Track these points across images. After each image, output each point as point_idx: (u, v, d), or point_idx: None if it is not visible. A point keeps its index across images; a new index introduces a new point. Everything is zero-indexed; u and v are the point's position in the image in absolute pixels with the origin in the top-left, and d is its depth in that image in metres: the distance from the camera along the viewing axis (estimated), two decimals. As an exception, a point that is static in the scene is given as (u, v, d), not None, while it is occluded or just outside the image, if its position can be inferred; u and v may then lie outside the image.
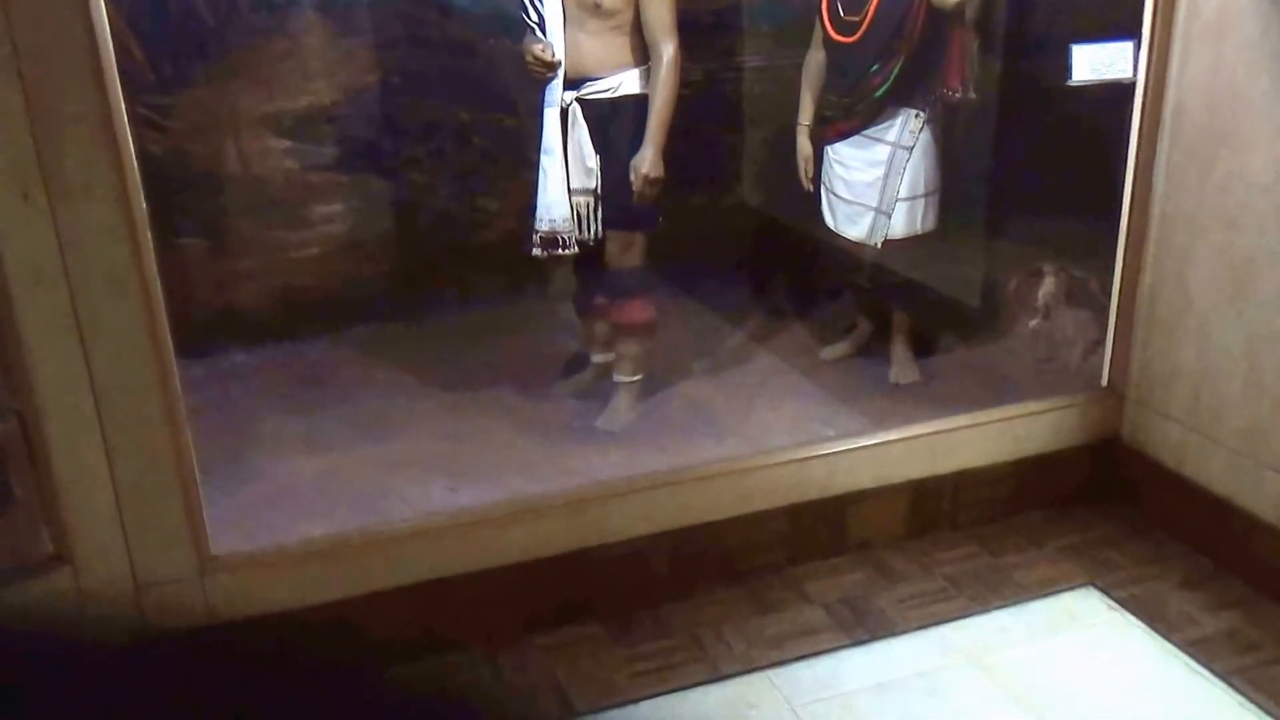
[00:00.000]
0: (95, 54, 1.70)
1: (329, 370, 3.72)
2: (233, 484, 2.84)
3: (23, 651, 1.86)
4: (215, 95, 3.66)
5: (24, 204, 1.67)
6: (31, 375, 1.75)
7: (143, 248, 1.83)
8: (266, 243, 3.86)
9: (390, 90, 3.87)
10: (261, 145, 3.77)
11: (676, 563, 2.47)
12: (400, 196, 4.00)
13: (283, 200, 3.87)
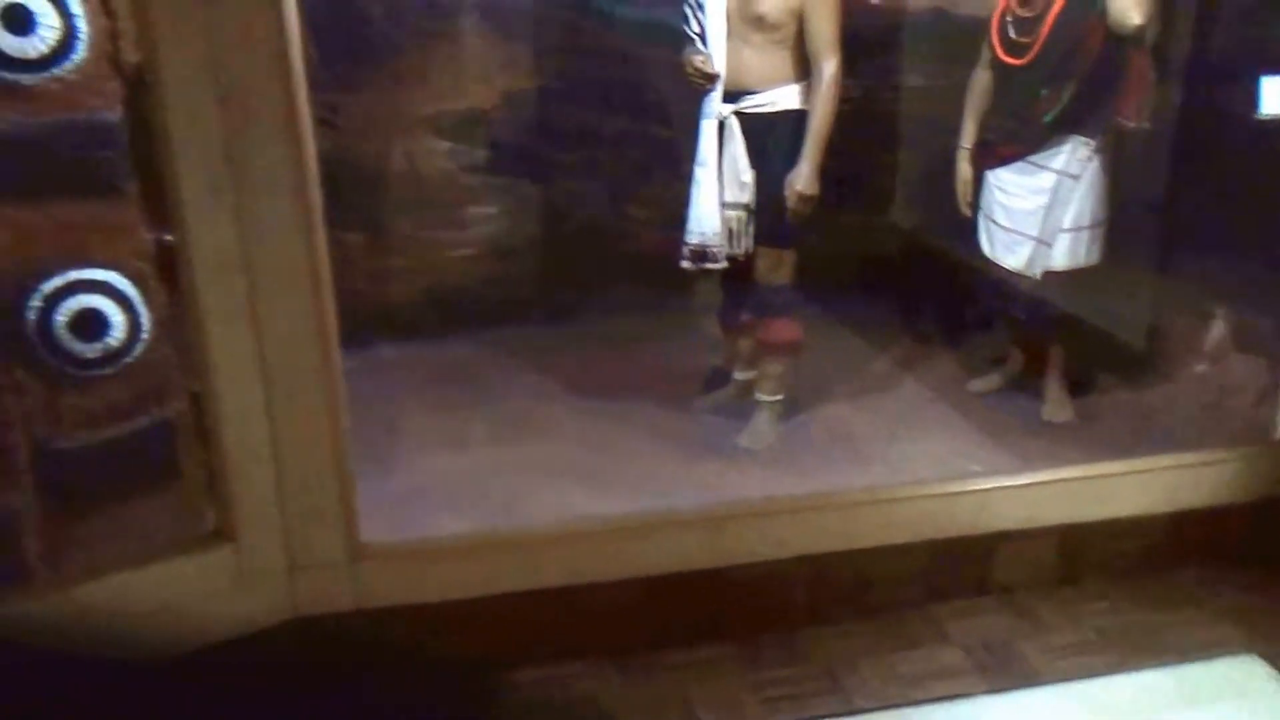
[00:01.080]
0: (284, 55, 1.76)
1: (474, 369, 3.80)
2: (377, 475, 2.92)
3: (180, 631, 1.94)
4: (381, 96, 3.78)
5: (212, 197, 1.74)
6: (209, 359, 1.83)
7: (317, 242, 1.88)
8: (421, 241, 3.97)
9: (548, 96, 3.93)
10: (422, 146, 3.88)
11: (813, 589, 2.42)
12: (552, 202, 4.06)
13: (439, 200, 3.98)
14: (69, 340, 2.00)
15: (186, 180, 1.70)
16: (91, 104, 1.94)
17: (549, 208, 4.12)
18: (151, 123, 2.00)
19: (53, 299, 1.97)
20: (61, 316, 1.98)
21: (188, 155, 1.69)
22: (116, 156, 1.98)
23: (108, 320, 2.04)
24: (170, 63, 1.64)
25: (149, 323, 2.10)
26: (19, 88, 1.85)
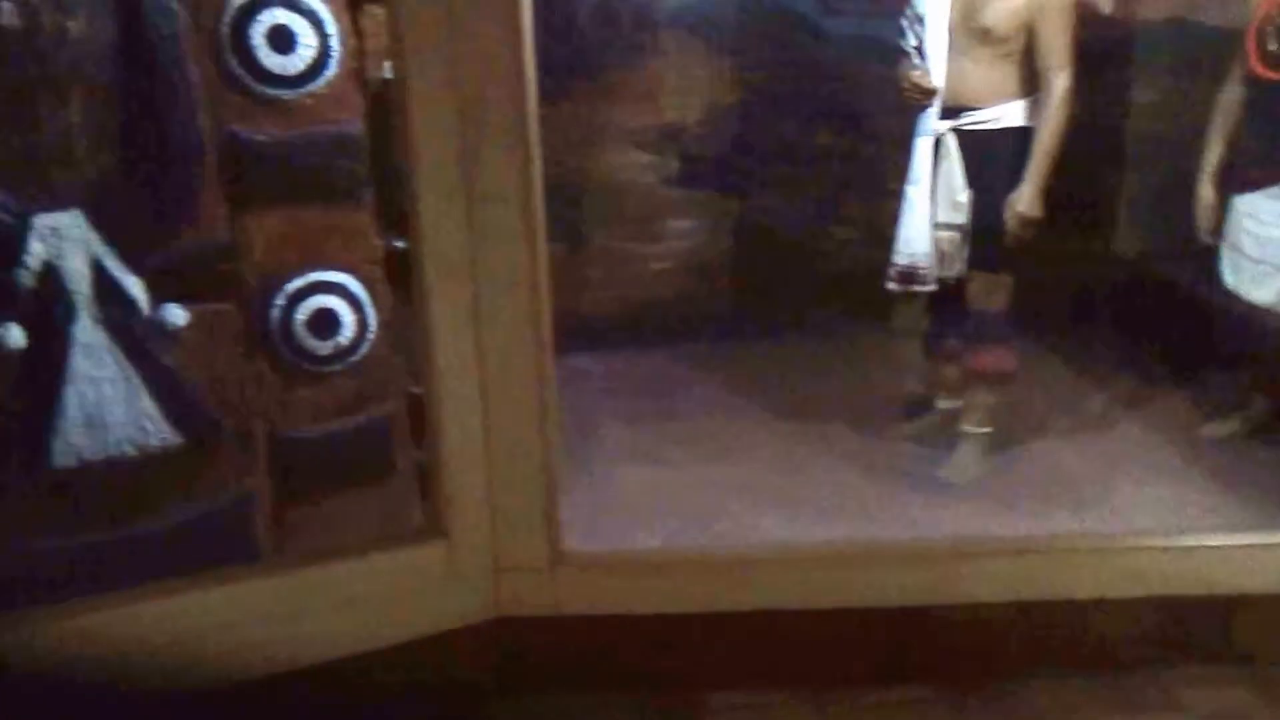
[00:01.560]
0: (520, 73, 1.81)
1: (667, 383, 3.81)
2: (570, 484, 2.96)
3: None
4: (586, 109, 3.85)
5: (446, 205, 1.80)
6: (435, 362, 1.89)
7: (539, 251, 1.92)
8: (618, 253, 4.03)
9: (752, 111, 3.92)
10: (624, 159, 3.93)
11: (1025, 638, 2.29)
12: (751, 217, 4.04)
13: (637, 213, 4.02)
14: (306, 337, 2.12)
15: (425, 189, 1.77)
16: (338, 117, 2.05)
17: (747, 223, 4.10)
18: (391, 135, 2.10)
19: (294, 298, 2.09)
20: (301, 315, 2.10)
21: (428, 166, 1.76)
22: (357, 166, 2.09)
23: (340, 320, 2.15)
24: (416, 79, 1.71)
25: (375, 324, 2.20)
26: (278, 102, 1.98)
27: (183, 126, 1.91)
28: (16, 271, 1.84)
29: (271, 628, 1.97)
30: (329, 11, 1.99)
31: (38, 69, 1.81)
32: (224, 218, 2.03)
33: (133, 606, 1.91)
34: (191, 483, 2.12)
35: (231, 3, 1.91)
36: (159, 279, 1.98)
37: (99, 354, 1.93)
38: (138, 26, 1.83)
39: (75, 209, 1.88)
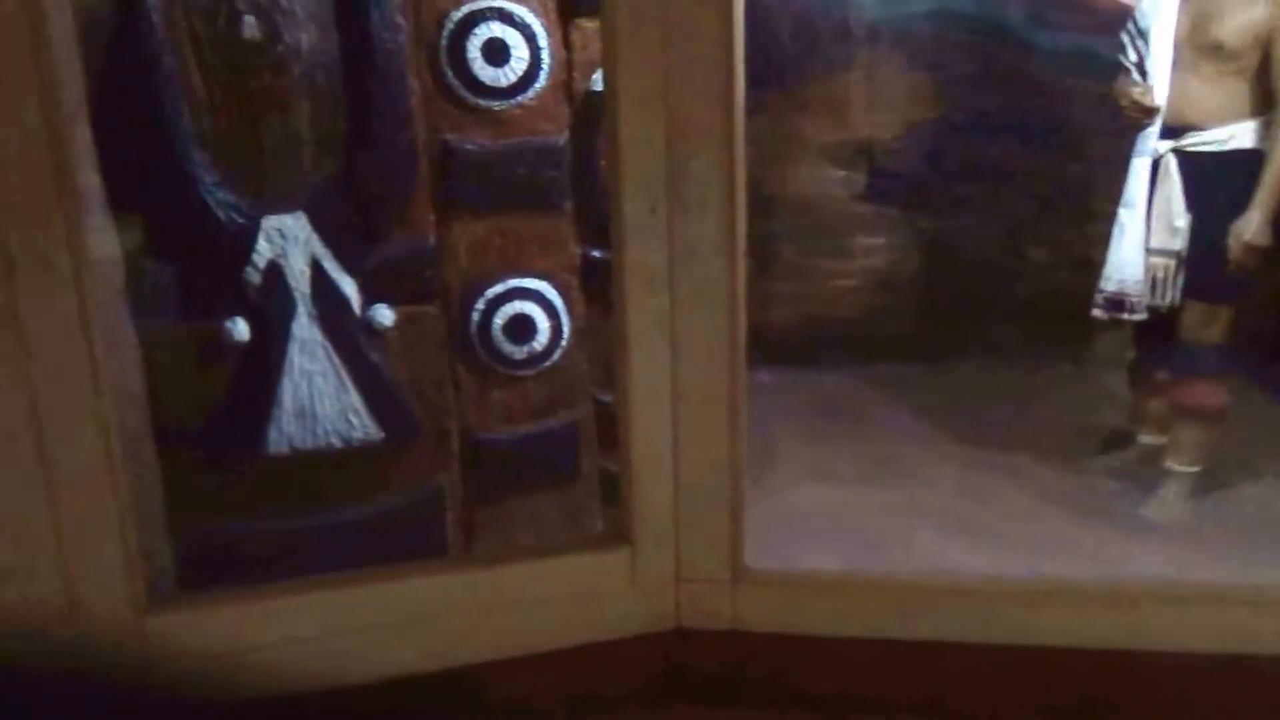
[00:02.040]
0: (730, 86, 1.80)
1: (847, 403, 3.74)
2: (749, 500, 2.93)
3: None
4: (782, 121, 3.83)
5: (650, 217, 1.80)
6: (628, 371, 1.90)
7: (738, 265, 1.91)
8: (805, 269, 3.98)
9: (952, 127, 3.81)
10: (816, 173, 3.89)
11: (1227, 693, 2.13)
12: (944, 236, 3.93)
13: (826, 229, 3.97)
14: (502, 342, 2.18)
15: (630, 200, 1.78)
16: (544, 128, 2.10)
17: (941, 242, 3.98)
18: (593, 146, 2.14)
19: (494, 303, 2.15)
20: (499, 320, 2.16)
21: (633, 177, 1.77)
22: (560, 176, 2.13)
23: (536, 326, 2.20)
24: (627, 91, 1.72)
25: (569, 331, 2.24)
26: (489, 113, 2.05)
27: (400, 135, 2.00)
28: (245, 270, 1.96)
29: (457, 621, 2.03)
30: (542, 25, 2.04)
31: (272, 79, 1.92)
32: (432, 223, 2.11)
33: (328, 592, 2.00)
34: (388, 476, 2.21)
35: (451, 17, 1.99)
36: (370, 280, 2.08)
37: (313, 349, 2.04)
38: (365, 39, 1.93)
39: (299, 211, 1.99)
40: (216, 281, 1.96)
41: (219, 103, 1.89)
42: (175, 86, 1.84)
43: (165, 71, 1.82)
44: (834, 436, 3.47)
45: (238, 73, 1.88)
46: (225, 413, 2.02)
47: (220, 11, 1.85)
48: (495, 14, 2.00)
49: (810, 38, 3.74)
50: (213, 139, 1.90)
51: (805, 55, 3.75)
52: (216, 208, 1.90)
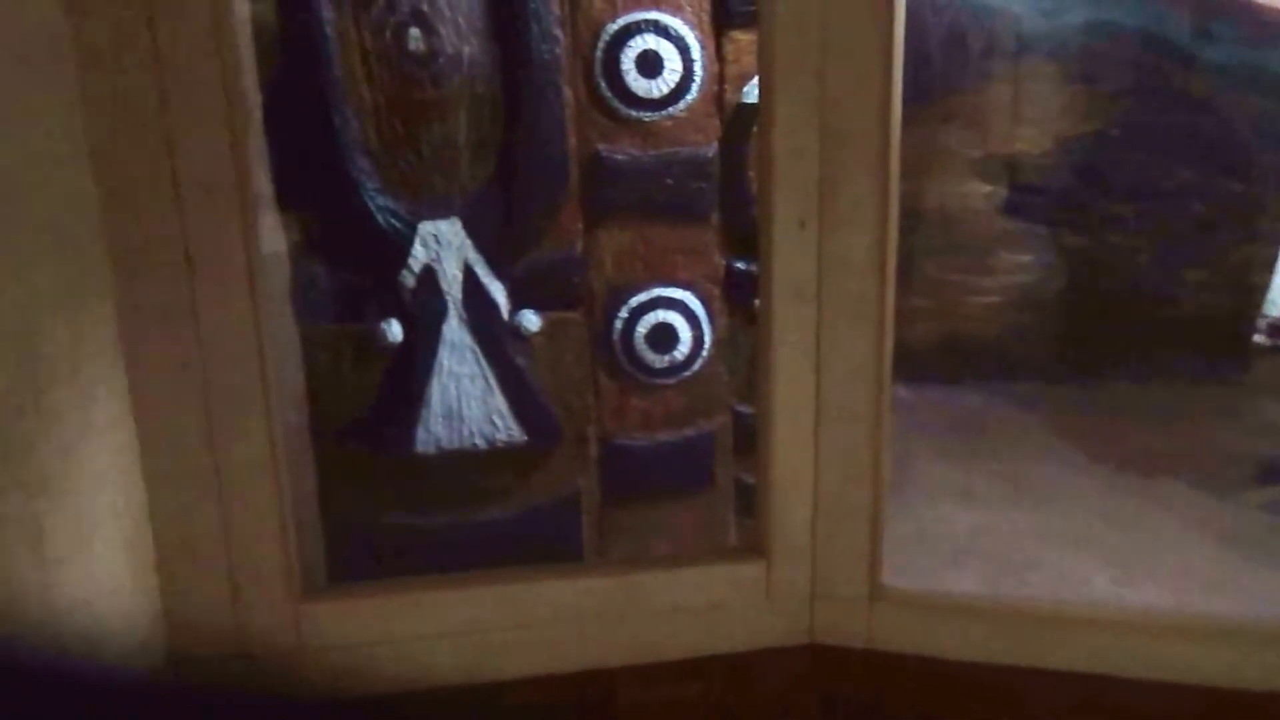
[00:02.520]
0: (888, 98, 1.78)
1: (987, 421, 3.64)
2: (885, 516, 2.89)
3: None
4: (928, 134, 3.75)
5: (799, 230, 1.80)
6: (771, 384, 1.90)
7: (888, 279, 1.89)
8: (947, 284, 3.89)
9: (1107, 142, 3.67)
10: (962, 187, 3.80)
11: None
12: (1094, 254, 3.79)
13: (970, 244, 3.87)
14: (644, 350, 2.20)
15: (780, 212, 1.78)
16: (694, 140, 2.12)
17: (1090, 261, 3.84)
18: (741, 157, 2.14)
19: (637, 312, 2.17)
20: (642, 328, 2.18)
21: (785, 189, 1.77)
22: (708, 187, 2.14)
23: (678, 335, 2.21)
24: (782, 103, 1.72)
25: (710, 341, 2.25)
26: (640, 124, 2.07)
27: (553, 145, 2.04)
28: (401, 273, 2.02)
29: (593, 625, 2.05)
30: (696, 38, 2.06)
31: (434, 90, 1.98)
32: (580, 231, 2.14)
33: (470, 589, 2.05)
34: (528, 478, 2.25)
35: (608, 29, 2.02)
36: (518, 286, 2.12)
37: (462, 352, 2.09)
38: (523, 51, 1.97)
39: (454, 217, 2.04)
40: (374, 284, 2.03)
41: (383, 112, 1.96)
42: (343, 96, 1.91)
43: (335, 82, 1.90)
44: (974, 455, 3.38)
45: (402, 83, 1.95)
46: (376, 411, 2.09)
47: (388, 24, 1.91)
48: (650, 26, 2.02)
49: (960, 50, 3.65)
50: (376, 146, 1.97)
51: (954, 67, 3.67)
52: (377, 213, 1.97)
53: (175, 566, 1.82)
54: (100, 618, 1.57)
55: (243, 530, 1.80)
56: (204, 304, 1.62)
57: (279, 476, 1.79)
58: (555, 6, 1.99)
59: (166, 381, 1.65)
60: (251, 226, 1.60)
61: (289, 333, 2.01)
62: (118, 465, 1.61)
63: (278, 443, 1.76)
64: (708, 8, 2.08)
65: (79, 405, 1.49)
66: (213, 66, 1.48)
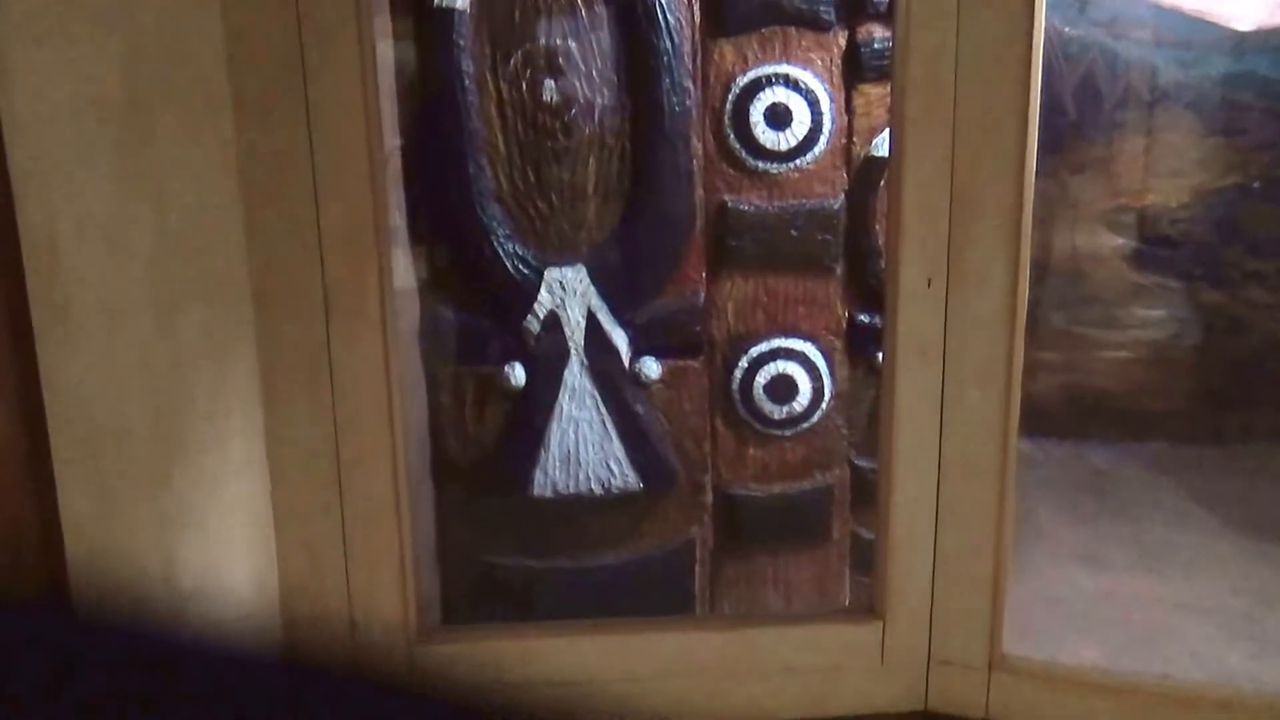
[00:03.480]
0: (1023, 150, 1.75)
1: (1115, 481, 3.51)
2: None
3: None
4: (1058, 185, 3.67)
5: (926, 288, 1.77)
6: (892, 442, 1.86)
7: (1016, 340, 1.84)
8: (1073, 337, 3.78)
9: (1249, 196, 3.52)
10: (1093, 240, 3.69)
11: None
12: (1233, 312, 3.63)
13: (1100, 297, 3.75)
14: (763, 400, 2.18)
15: (907, 271, 1.76)
16: (820, 192, 2.11)
17: (1226, 317, 3.68)
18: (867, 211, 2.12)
19: (758, 361, 2.17)
20: (762, 378, 2.17)
21: (913, 245, 1.75)
22: (833, 240, 2.13)
23: (797, 386, 2.19)
24: (913, 157, 1.71)
25: (830, 394, 2.22)
26: (767, 175, 2.07)
27: (680, 194, 2.06)
28: (527, 318, 2.06)
29: (704, 680, 2.03)
30: (825, 91, 2.05)
31: (565, 139, 2.02)
32: (703, 280, 2.14)
33: (585, 637, 2.05)
34: (642, 525, 2.25)
35: (738, 81, 2.03)
36: (640, 333, 2.14)
37: (582, 397, 2.11)
38: (654, 103, 2.00)
39: (580, 264, 2.07)
40: (500, 328, 2.07)
41: (516, 160, 2.00)
42: (479, 145, 1.97)
43: (472, 131, 1.95)
44: (1101, 517, 3.26)
45: (535, 132, 1.99)
46: (497, 454, 2.12)
47: (525, 76, 1.96)
48: (780, 79, 2.03)
49: (1094, 99, 3.56)
50: (507, 194, 2.02)
51: (1087, 117, 3.58)
52: (506, 259, 2.01)
53: (297, 600, 1.87)
54: (224, 648, 1.62)
55: (364, 568, 1.85)
56: (339, 347, 1.67)
57: (401, 516, 1.83)
58: (687, 59, 2.01)
59: (300, 420, 1.70)
60: (387, 273, 1.65)
61: (415, 373, 2.06)
62: (250, 501, 1.67)
63: (401, 484, 1.80)
64: (838, 61, 2.08)
65: (218, 442, 1.55)
66: (358, 121, 1.54)
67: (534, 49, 1.97)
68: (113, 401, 1.29)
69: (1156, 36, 3.50)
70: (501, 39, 1.97)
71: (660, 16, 1.97)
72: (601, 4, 1.98)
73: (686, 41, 2.01)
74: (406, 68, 1.96)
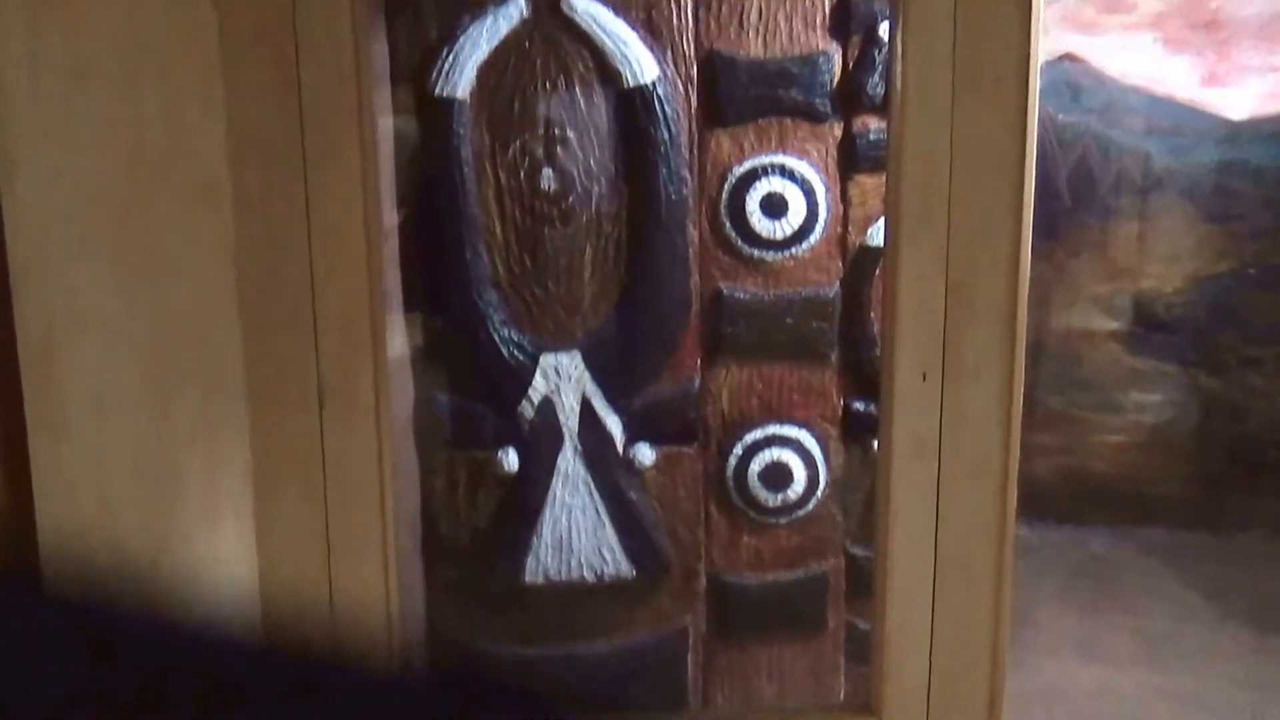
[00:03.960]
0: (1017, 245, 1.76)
1: (1113, 567, 3.49)
2: (1004, 667, 2.76)
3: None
4: (1054, 268, 3.70)
5: (921, 383, 1.77)
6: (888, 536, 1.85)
7: (1013, 435, 1.84)
8: (1071, 420, 3.78)
9: (1244, 282, 3.56)
10: (1089, 322, 3.71)
11: None
12: (1230, 397, 3.64)
13: (1096, 381, 3.76)
14: (758, 487, 2.17)
15: (902, 365, 1.76)
16: (815, 280, 2.12)
17: (1224, 403, 3.69)
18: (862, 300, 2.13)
19: (752, 449, 2.16)
20: (756, 466, 2.16)
21: (908, 342, 1.75)
22: (828, 328, 2.13)
23: (792, 474, 2.18)
24: (908, 250, 1.72)
25: (825, 482, 2.21)
26: (762, 263, 2.09)
27: (676, 281, 2.06)
28: (521, 404, 2.05)
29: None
30: (821, 180, 2.07)
31: (562, 226, 2.04)
32: (697, 367, 2.14)
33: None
34: (635, 613, 2.22)
35: (734, 171, 2.05)
36: (634, 419, 2.13)
37: (575, 483, 2.10)
38: (651, 192, 2.02)
39: (575, 350, 2.07)
40: (494, 413, 2.06)
41: (513, 246, 2.02)
42: (477, 231, 1.98)
43: (470, 218, 1.97)
44: (1099, 605, 3.23)
45: (532, 219, 2.01)
46: (489, 539, 2.10)
47: (523, 164, 1.98)
48: (777, 169, 2.05)
49: (1089, 185, 3.61)
50: (504, 280, 2.03)
51: (1082, 202, 3.62)
52: (502, 344, 2.02)
53: (284, 688, 1.84)
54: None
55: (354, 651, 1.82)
56: (332, 433, 1.67)
57: (390, 602, 1.81)
58: (684, 149, 2.03)
59: (291, 507, 1.69)
60: (382, 361, 1.65)
61: (409, 457, 2.05)
62: (239, 588, 1.65)
63: (391, 570, 1.78)
64: (834, 152, 2.10)
65: (208, 528, 1.54)
66: (357, 210, 1.55)
67: (533, 137, 2.00)
68: (102, 490, 1.28)
69: (1149, 124, 3.55)
70: (501, 128, 1.99)
71: (658, 107, 2.00)
72: (600, 94, 2.01)
73: (684, 131, 2.04)
74: (406, 139, 1.98)
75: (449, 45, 1.94)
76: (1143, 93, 3.50)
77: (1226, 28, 3.37)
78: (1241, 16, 3.32)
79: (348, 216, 1.56)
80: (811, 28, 2.06)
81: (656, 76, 1.99)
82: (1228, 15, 3.33)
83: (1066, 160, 3.53)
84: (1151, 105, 3.51)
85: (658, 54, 2.00)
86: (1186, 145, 3.49)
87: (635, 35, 1.98)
